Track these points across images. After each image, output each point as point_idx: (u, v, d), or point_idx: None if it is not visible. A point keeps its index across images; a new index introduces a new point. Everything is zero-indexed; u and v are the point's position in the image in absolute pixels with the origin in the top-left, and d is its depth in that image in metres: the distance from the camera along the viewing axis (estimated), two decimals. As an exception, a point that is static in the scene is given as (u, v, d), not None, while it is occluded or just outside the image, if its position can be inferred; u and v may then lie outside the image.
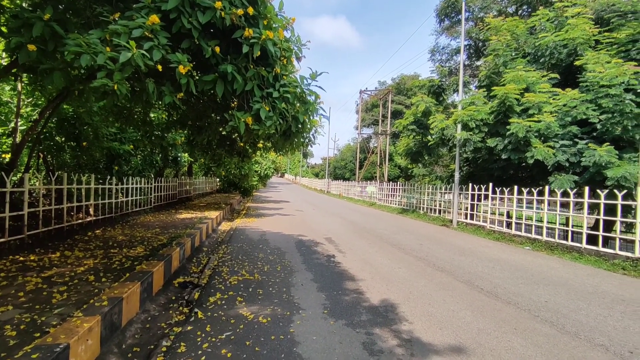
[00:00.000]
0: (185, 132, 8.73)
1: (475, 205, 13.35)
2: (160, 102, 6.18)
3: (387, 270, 6.56)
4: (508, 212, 12.02)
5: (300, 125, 4.64)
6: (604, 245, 8.41)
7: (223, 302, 4.63)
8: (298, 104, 4.47)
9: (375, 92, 44.22)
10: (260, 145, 7.87)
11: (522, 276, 6.43)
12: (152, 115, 9.80)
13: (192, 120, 6.48)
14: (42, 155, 8.99)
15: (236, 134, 7.60)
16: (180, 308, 4.58)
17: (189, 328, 3.81)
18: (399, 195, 21.44)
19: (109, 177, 8.97)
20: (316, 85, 4.63)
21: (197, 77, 4.28)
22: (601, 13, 12.38)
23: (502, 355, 3.39)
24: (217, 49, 3.86)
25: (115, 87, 3.14)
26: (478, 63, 24.76)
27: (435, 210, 16.25)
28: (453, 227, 13.40)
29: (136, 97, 4.33)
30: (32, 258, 5.20)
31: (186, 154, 15.02)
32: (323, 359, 3.23)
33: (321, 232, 11.04)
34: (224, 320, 4.02)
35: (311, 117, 4.85)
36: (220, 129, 6.26)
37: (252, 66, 4.08)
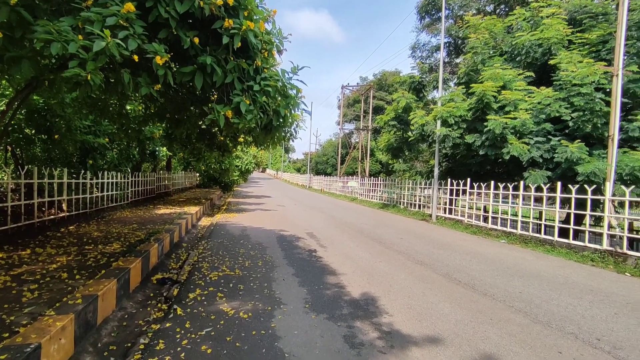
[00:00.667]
0: (164, 125, 8.52)
1: (454, 200, 13.64)
2: (137, 94, 6.00)
3: (368, 264, 6.63)
4: (485, 207, 12.36)
5: (281, 120, 4.59)
6: (574, 238, 8.75)
7: (203, 298, 4.57)
8: (279, 98, 4.41)
9: (357, 87, 44.38)
10: (240, 139, 7.78)
11: (497, 268, 6.63)
12: (128, 107, 9.52)
13: (170, 113, 6.32)
14: (10, 149, 8.59)
15: (216, 128, 7.48)
16: (159, 305, 4.49)
17: (167, 325, 3.74)
18: (380, 190, 21.67)
19: (82, 171, 8.66)
20: (297, 79, 4.61)
21: (176, 69, 4.17)
22: (574, 14, 12.79)
23: (478, 345, 3.49)
24: (196, 40, 3.76)
25: (89, 77, 3.01)
26: (457, 60, 25.15)
27: (415, 205, 16.51)
28: (432, 221, 13.67)
29: (111, 88, 4.17)
30: (0, 255, 4.98)
31: (164, 148, 14.67)
32: (304, 353, 3.24)
33: (303, 227, 11.04)
34: (204, 317, 3.96)
35: (292, 112, 4.80)
36: (200, 123, 6.13)
37: (232, 58, 4.00)
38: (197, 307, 4.23)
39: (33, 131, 8.47)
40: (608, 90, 10.08)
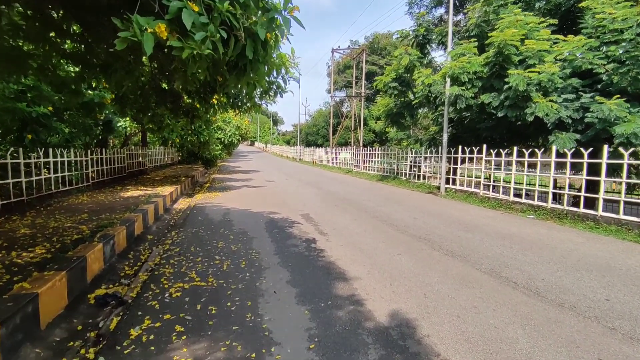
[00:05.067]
0: (101, 82, 6.57)
1: (465, 170, 12.14)
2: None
3: (385, 258, 5.09)
4: (491, 176, 10.91)
5: (260, 49, 2.79)
6: (624, 213, 7.34)
7: (151, 336, 2.97)
8: (254, 8, 2.62)
9: (349, 51, 41.52)
10: (213, 100, 5.95)
11: (552, 259, 5.16)
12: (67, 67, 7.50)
13: (96, 57, 4.42)
14: None
15: (180, 87, 5.63)
16: (82, 351, 2.88)
17: (72, 411, 2.14)
18: (376, 161, 20.06)
19: (11, 149, 6.77)
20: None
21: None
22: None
23: None
24: None
25: None
26: (457, 18, 23.06)
27: (418, 176, 15.01)
28: (441, 194, 12.19)
29: None
30: None
31: (127, 119, 12.59)
32: None
33: (297, 206, 9.44)
34: (142, 384, 2.38)
35: (280, 37, 3.01)
36: (145, 78, 4.27)
37: None
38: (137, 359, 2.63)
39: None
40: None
